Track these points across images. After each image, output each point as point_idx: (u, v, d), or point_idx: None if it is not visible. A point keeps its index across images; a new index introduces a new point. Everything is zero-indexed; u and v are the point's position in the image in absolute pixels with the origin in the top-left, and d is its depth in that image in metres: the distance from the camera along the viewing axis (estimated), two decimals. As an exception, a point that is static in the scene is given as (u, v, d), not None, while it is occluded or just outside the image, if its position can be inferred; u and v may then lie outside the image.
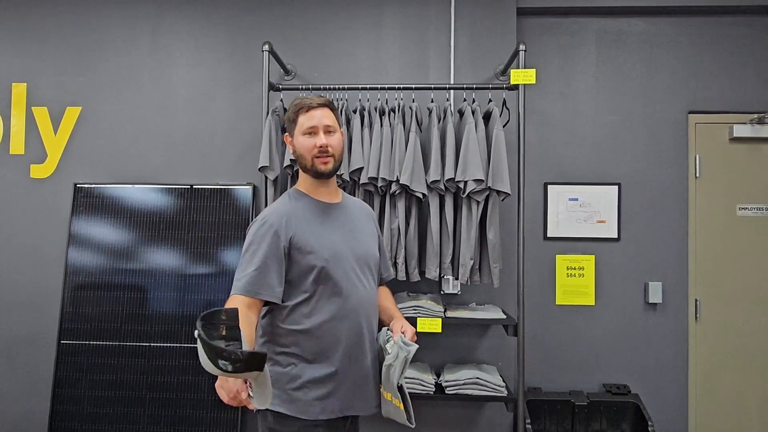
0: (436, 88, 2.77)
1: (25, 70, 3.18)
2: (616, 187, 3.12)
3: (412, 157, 2.58)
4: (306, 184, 1.78)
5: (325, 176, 1.73)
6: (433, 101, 2.73)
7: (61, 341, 2.95)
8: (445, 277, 2.83)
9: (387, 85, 2.71)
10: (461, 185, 2.58)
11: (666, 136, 3.13)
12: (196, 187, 3.06)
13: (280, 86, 2.81)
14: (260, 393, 1.36)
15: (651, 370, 3.07)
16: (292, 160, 2.56)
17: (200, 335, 1.25)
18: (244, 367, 1.25)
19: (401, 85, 2.70)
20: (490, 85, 2.69)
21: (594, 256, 3.11)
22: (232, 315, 1.35)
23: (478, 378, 2.60)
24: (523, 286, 2.60)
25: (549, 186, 3.14)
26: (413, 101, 2.71)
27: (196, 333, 1.26)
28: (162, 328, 2.92)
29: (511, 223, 2.81)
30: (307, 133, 1.70)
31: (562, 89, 3.18)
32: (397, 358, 1.61)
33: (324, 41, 3.09)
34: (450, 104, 2.75)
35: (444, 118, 2.69)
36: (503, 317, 2.67)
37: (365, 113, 2.70)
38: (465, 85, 2.72)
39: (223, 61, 3.13)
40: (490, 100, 2.68)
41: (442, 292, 2.94)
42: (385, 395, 1.68)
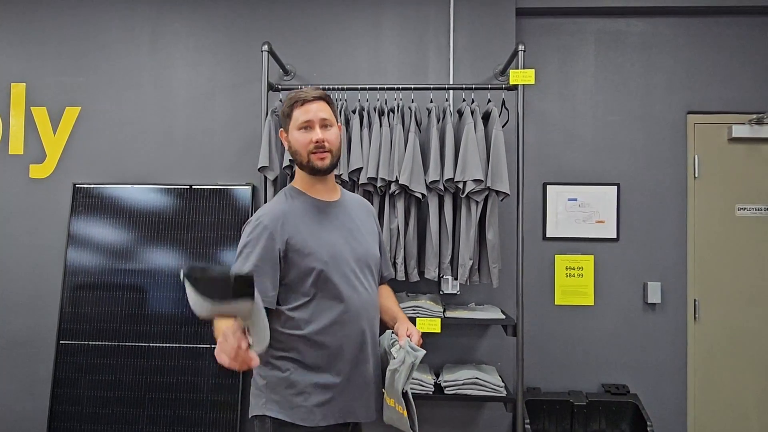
0: (435, 89, 2.77)
1: (25, 70, 3.18)
2: (615, 187, 3.12)
3: (412, 157, 2.58)
4: (302, 182, 1.70)
5: (322, 173, 1.65)
6: (432, 101, 2.73)
7: (60, 341, 2.95)
8: (444, 278, 2.83)
9: (386, 86, 2.71)
10: (460, 185, 2.58)
11: (665, 137, 3.14)
12: (195, 188, 3.06)
13: (280, 86, 2.81)
14: (258, 332, 1.29)
15: (650, 370, 3.08)
16: (291, 160, 2.55)
17: (186, 274, 1.20)
18: (235, 292, 1.17)
19: (400, 86, 2.70)
20: (490, 86, 2.69)
21: (593, 257, 3.11)
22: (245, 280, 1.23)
23: (477, 378, 2.60)
24: (522, 286, 2.60)
25: (548, 186, 3.14)
26: (412, 101, 2.71)
27: (182, 274, 1.21)
28: (161, 328, 2.92)
29: (510, 223, 2.82)
30: (302, 127, 1.62)
31: (561, 89, 3.18)
32: (403, 363, 1.55)
33: (323, 41, 3.09)
34: (449, 104, 2.75)
35: (443, 119, 2.68)
36: (502, 317, 2.67)
37: (364, 113, 2.69)
38: (464, 86, 2.72)
39: (223, 62, 3.13)
40: (489, 101, 2.68)
41: (442, 293, 2.94)
42: (388, 401, 1.61)
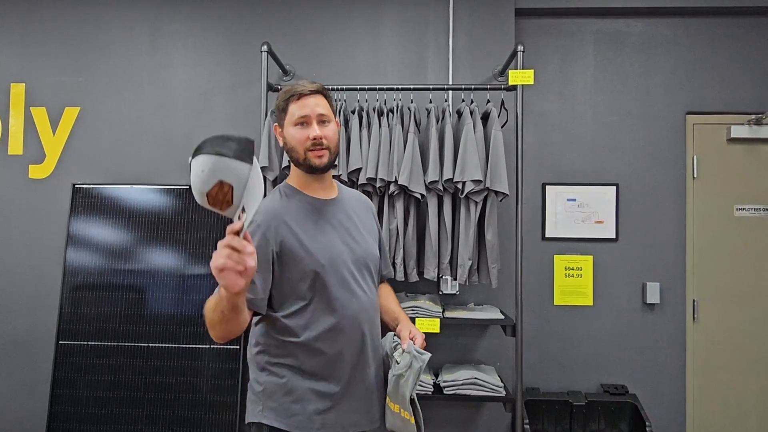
0: (434, 89, 2.77)
1: (24, 71, 3.18)
2: (614, 187, 3.12)
3: (411, 157, 2.58)
4: (298, 179, 1.62)
5: (320, 171, 1.57)
6: (431, 102, 2.74)
7: (60, 341, 2.95)
8: (444, 278, 2.83)
9: (385, 86, 2.71)
10: (459, 186, 2.58)
11: (664, 137, 3.14)
12: (194, 188, 3.05)
13: (279, 87, 2.81)
14: (251, 207, 1.25)
15: (649, 371, 3.08)
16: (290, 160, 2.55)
17: (196, 148, 1.17)
18: (240, 147, 1.14)
19: (400, 86, 2.70)
20: (489, 86, 2.70)
21: (592, 257, 3.12)
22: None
23: (477, 378, 2.60)
24: (521, 286, 2.60)
25: (547, 186, 3.14)
26: (412, 102, 2.71)
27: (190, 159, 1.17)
28: (161, 328, 2.92)
29: (510, 223, 2.82)
30: (298, 123, 1.54)
31: (561, 90, 3.18)
32: (410, 368, 1.49)
33: (323, 42, 3.09)
34: (448, 105, 2.75)
35: (442, 119, 2.69)
36: (501, 317, 2.67)
37: (364, 114, 2.69)
38: (463, 86, 2.72)
39: (222, 62, 3.13)
40: (489, 101, 2.68)
41: (441, 293, 2.94)
42: (392, 407, 1.53)
